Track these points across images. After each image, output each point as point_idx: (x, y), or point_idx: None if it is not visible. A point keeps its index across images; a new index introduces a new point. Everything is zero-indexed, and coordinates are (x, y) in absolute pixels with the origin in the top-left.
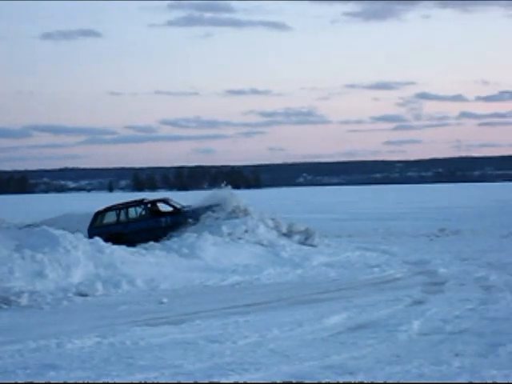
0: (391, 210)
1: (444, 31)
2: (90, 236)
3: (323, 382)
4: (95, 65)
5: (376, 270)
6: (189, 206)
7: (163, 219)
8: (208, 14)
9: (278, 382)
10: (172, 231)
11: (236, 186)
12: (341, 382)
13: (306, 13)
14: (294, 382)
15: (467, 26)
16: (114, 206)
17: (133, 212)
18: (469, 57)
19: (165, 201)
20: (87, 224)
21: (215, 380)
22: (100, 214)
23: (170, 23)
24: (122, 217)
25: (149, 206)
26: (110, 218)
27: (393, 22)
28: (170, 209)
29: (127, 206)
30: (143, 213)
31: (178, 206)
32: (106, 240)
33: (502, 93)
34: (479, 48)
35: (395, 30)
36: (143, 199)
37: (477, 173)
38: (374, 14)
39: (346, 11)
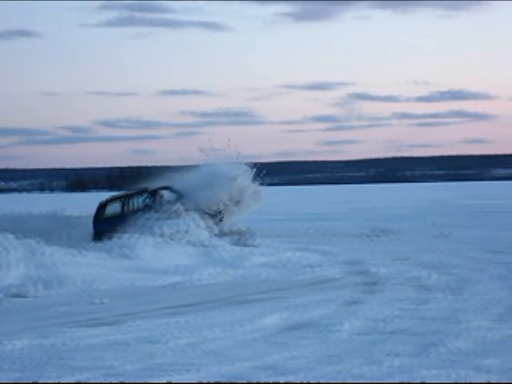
0: (328, 211)
1: (379, 32)
2: (96, 229)
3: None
4: (30, 65)
5: (313, 270)
6: (193, 190)
7: None
8: (143, 15)
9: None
10: None
11: None
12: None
13: (243, 13)
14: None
15: (402, 26)
16: (116, 196)
17: (137, 201)
18: (404, 57)
19: (168, 188)
20: (20, 226)
21: (149, 380)
22: (103, 206)
23: (105, 23)
24: (127, 207)
25: (152, 194)
26: (114, 208)
27: (329, 23)
28: (173, 195)
29: (131, 195)
30: (147, 201)
31: (182, 192)
32: (112, 230)
33: (436, 93)
34: (414, 48)
35: (331, 30)
36: (146, 187)
37: (411, 173)
38: (311, 15)
39: (282, 12)
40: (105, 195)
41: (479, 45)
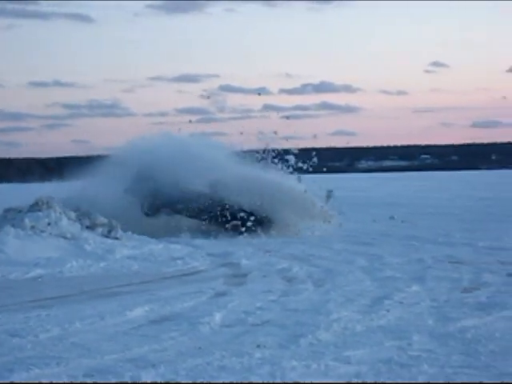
0: None
1: (248, 25)
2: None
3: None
4: None
5: (180, 262)
6: None
7: None
8: (14, 6)
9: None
10: None
11: (42, 179)
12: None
13: (110, 5)
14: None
15: (271, 19)
16: None
17: None
18: (272, 50)
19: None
20: None
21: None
22: None
23: None
24: None
25: None
26: None
27: (196, 15)
28: None
29: None
30: None
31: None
32: None
33: (304, 85)
34: (282, 41)
35: (199, 22)
36: None
37: (280, 165)
38: (182, 7)
39: (149, 4)
40: None
41: (347, 38)
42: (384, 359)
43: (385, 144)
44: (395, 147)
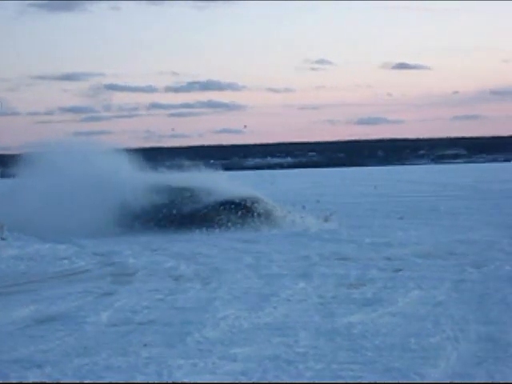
0: None
1: (133, 23)
2: None
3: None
4: None
5: (65, 262)
6: None
7: None
8: None
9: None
10: None
11: None
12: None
13: None
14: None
15: (156, 17)
16: None
17: None
18: (158, 48)
19: None
20: None
21: None
22: None
23: None
24: None
25: None
26: None
27: (80, 13)
28: None
29: None
30: None
31: None
32: None
33: (191, 84)
34: (168, 40)
35: (83, 21)
36: None
37: (168, 163)
38: (61, 5)
39: (31, 3)
40: None
41: (234, 37)
42: (271, 356)
43: (271, 141)
44: (282, 144)
